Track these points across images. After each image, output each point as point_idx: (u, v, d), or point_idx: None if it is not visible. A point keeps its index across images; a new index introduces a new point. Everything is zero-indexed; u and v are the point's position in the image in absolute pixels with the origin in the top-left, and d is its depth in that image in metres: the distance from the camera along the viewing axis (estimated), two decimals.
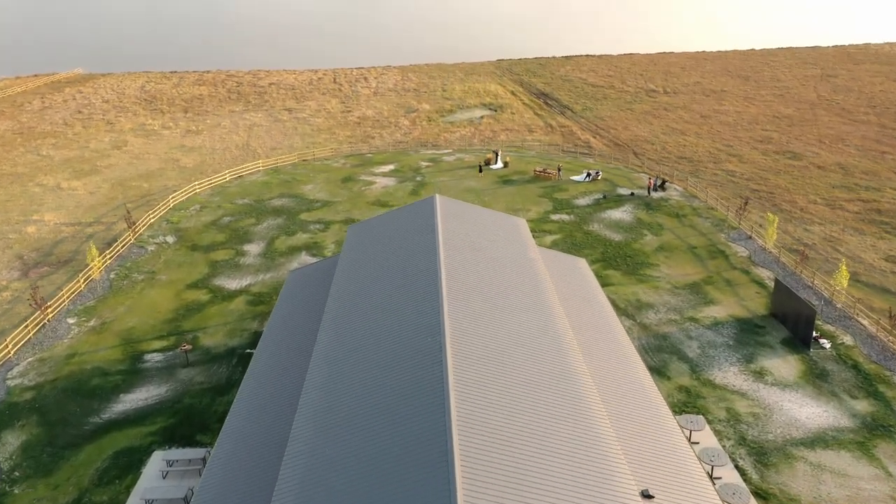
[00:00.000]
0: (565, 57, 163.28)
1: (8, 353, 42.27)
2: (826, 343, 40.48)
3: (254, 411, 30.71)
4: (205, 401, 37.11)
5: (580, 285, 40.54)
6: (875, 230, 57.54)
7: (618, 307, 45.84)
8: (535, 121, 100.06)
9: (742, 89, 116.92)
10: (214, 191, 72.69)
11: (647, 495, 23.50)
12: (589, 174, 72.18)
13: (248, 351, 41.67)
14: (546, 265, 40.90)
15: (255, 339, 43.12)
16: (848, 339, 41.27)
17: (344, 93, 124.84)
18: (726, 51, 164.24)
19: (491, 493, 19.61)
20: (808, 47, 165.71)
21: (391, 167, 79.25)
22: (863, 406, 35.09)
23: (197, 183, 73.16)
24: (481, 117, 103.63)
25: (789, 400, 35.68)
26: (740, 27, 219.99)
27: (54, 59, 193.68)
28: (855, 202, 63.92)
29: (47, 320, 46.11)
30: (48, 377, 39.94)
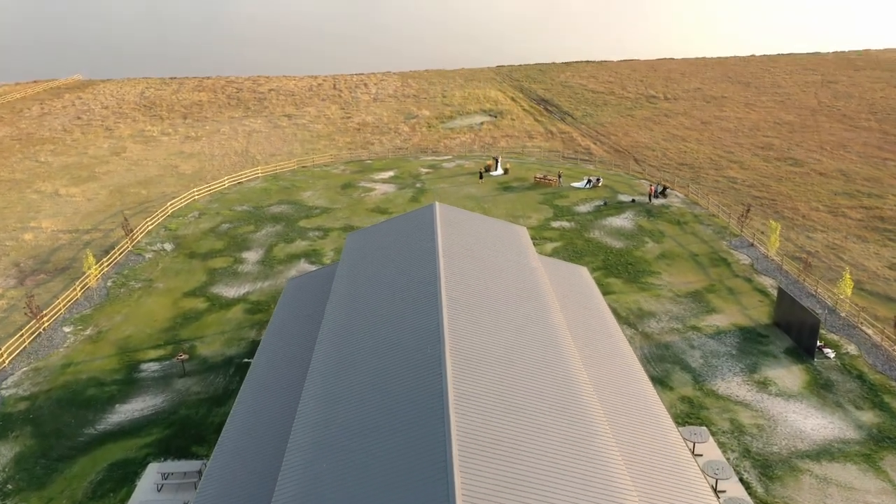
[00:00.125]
0: (565, 63, 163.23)
1: (2, 362, 41.79)
2: (830, 353, 40.01)
3: (250, 423, 30.22)
4: (201, 411, 36.61)
5: (581, 294, 40.09)
6: (878, 238, 57.14)
7: (619, 316, 45.38)
8: (535, 127, 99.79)
9: (743, 95, 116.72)
10: (213, 197, 72.32)
11: None
12: (589, 181, 71.83)
13: (245, 360, 41.19)
14: (547, 274, 40.47)
15: (253, 348, 42.64)
16: (852, 349, 40.80)
17: (344, 99, 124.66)
18: (726, 57, 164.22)
19: None
20: (808, 53, 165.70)
21: (391, 174, 78.92)
22: (868, 417, 34.59)
23: (195, 189, 72.80)
24: (481, 123, 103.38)
25: (794, 411, 35.19)
26: (740, 32, 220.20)
27: (54, 65, 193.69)
28: (857, 209, 63.53)
29: (43, 329, 45.64)
30: (43, 387, 39.45)
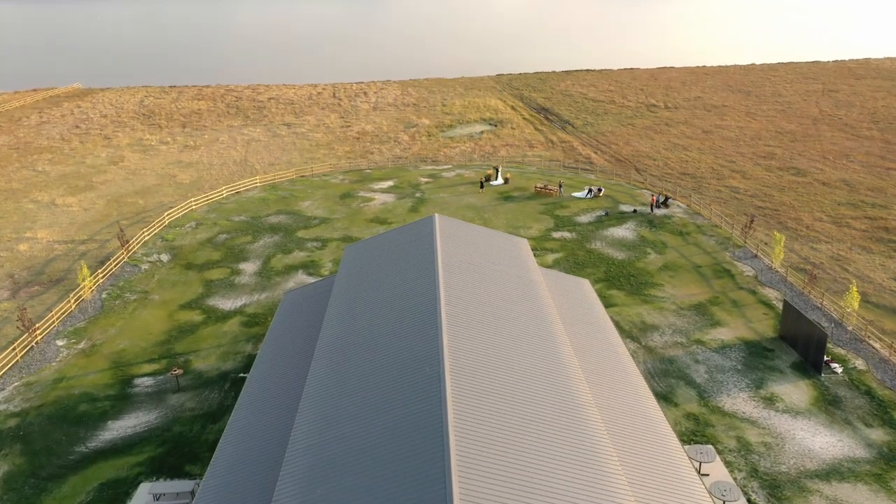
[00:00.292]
0: (565, 71, 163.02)
1: None
2: (838, 367, 39.23)
3: (245, 442, 29.42)
4: (195, 428, 35.79)
5: (583, 308, 39.35)
6: (883, 249, 56.43)
7: (622, 329, 44.62)
8: (535, 136, 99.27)
9: (743, 104, 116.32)
10: (211, 207, 71.64)
11: None
12: (590, 190, 71.20)
13: (241, 375, 40.40)
14: (548, 287, 39.75)
15: (249, 362, 41.85)
16: (860, 363, 40.02)
17: (343, 107, 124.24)
18: (727, 65, 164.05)
19: None
20: (808, 62, 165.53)
21: (390, 183, 78.29)
22: (878, 435, 33.79)
23: (193, 199, 72.13)
24: (481, 132, 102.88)
25: (802, 428, 34.38)
26: (740, 41, 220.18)
27: (53, 74, 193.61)
28: (861, 220, 62.86)
29: (35, 343, 44.85)
30: (34, 403, 38.63)
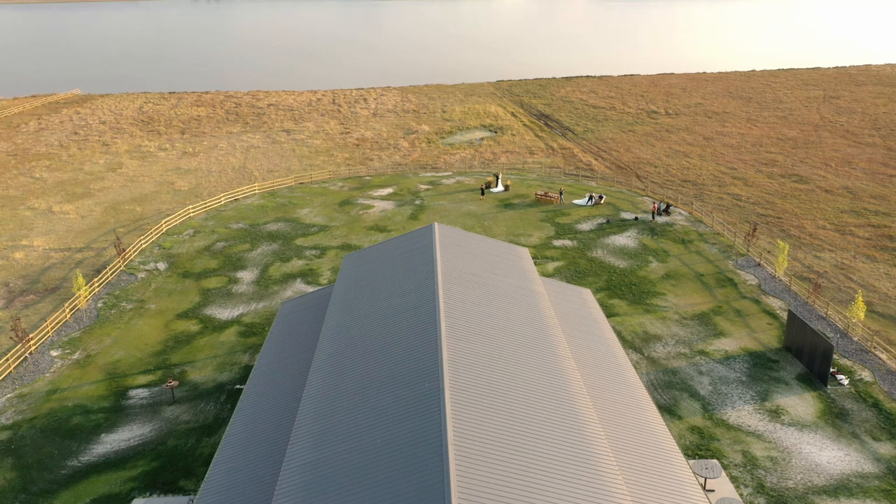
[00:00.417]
0: (565, 78, 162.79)
1: None
2: (844, 379, 38.58)
3: (240, 458, 28.77)
4: (190, 442, 35.12)
5: (585, 318, 38.74)
6: (888, 257, 55.84)
7: (624, 339, 43.99)
8: (535, 143, 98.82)
9: (744, 111, 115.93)
10: (209, 214, 71.09)
11: None
12: (591, 197, 70.66)
13: (237, 387, 39.75)
14: (550, 297, 39.15)
15: (246, 374, 41.21)
16: (866, 375, 39.38)
17: (343, 114, 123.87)
18: (727, 72, 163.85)
19: None
20: (809, 68, 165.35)
21: (390, 190, 77.77)
22: (886, 449, 33.12)
23: (191, 207, 71.59)
24: (481, 139, 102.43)
25: (808, 442, 33.72)
26: (740, 47, 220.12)
27: (53, 80, 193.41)
28: (865, 227, 62.28)
29: (29, 353, 44.20)
30: (27, 415, 37.97)
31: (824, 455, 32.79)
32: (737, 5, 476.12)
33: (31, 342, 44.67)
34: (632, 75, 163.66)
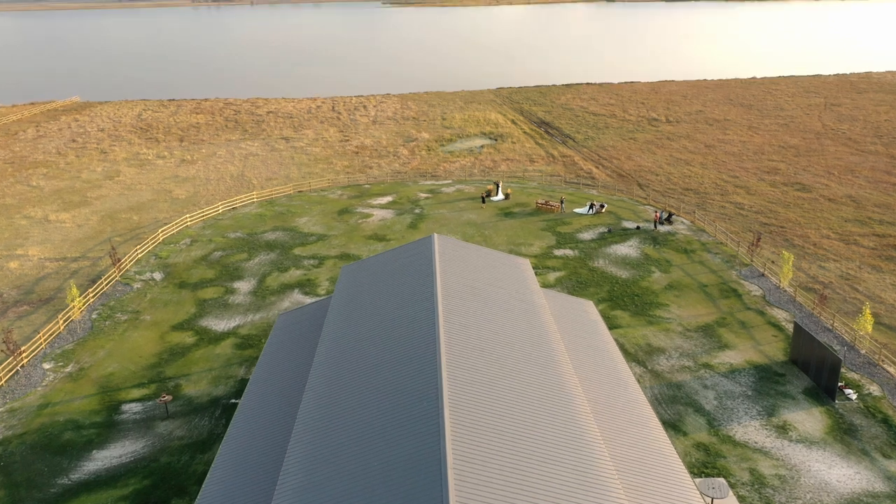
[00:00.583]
0: (565, 85, 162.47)
1: None
2: (852, 394, 37.78)
3: (234, 477, 27.95)
4: (183, 458, 34.29)
5: (588, 332, 37.97)
6: (893, 267, 55.08)
7: (627, 352, 43.19)
8: (536, 150, 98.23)
9: (745, 118, 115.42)
10: (206, 223, 70.38)
11: None
12: (592, 206, 69.96)
13: (232, 401, 38.94)
14: (551, 310, 38.39)
15: (241, 387, 40.40)
16: (875, 389, 38.57)
17: (342, 121, 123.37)
18: (727, 79, 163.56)
19: None
20: (809, 75, 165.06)
21: (389, 199, 77.09)
22: None
23: (189, 215, 70.89)
24: (481, 147, 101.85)
25: (817, 459, 32.89)
26: (741, 53, 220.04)
27: (52, 88, 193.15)
28: (870, 237, 61.56)
29: (21, 366, 43.39)
30: (17, 430, 37.14)
31: (834, 473, 31.96)
32: (736, 12, 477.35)
33: (24, 355, 43.87)
34: (632, 82, 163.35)
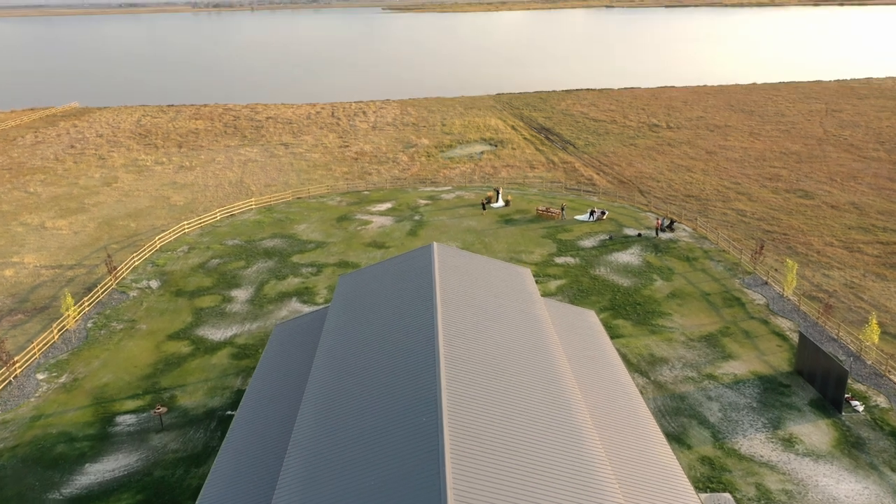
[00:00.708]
0: (566, 91, 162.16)
1: None
2: (859, 406, 37.11)
3: (227, 492, 27.28)
4: (178, 472, 33.60)
5: (590, 343, 37.33)
6: None
7: (629, 362, 42.53)
8: (536, 156, 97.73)
9: (747, 124, 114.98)
10: (204, 230, 69.79)
11: None
12: (593, 212, 69.39)
13: (228, 413, 38.27)
14: (552, 320, 37.76)
15: (237, 398, 39.73)
16: (882, 401, 37.90)
17: (342, 127, 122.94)
18: (728, 85, 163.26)
19: None
20: (810, 81, 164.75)
21: (388, 205, 76.52)
22: None
23: (186, 222, 70.30)
24: (481, 153, 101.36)
25: (824, 474, 32.20)
26: (741, 59, 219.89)
27: (52, 93, 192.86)
28: (874, 244, 60.96)
29: (14, 377, 42.72)
30: (8, 443, 36.45)
31: (842, 488, 31.28)
32: (735, 18, 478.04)
33: (17, 365, 43.21)
34: (632, 88, 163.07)
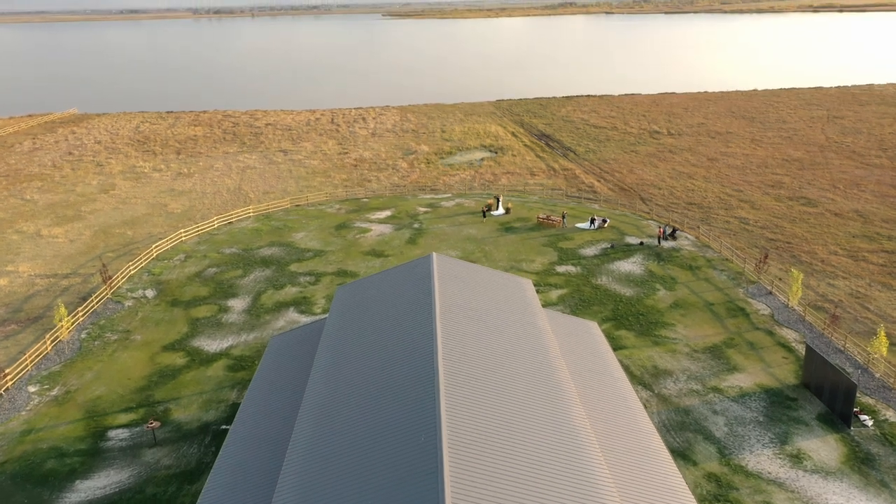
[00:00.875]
0: (566, 97, 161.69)
1: None
2: (868, 420, 36.29)
3: None
4: (170, 490, 32.76)
5: (592, 355, 36.54)
6: None
7: (632, 375, 41.71)
8: (536, 163, 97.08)
9: (748, 131, 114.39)
10: (201, 238, 69.04)
11: None
12: (594, 221, 68.66)
13: (223, 427, 37.44)
14: (554, 332, 36.98)
15: (232, 412, 38.90)
16: (891, 415, 37.07)
17: (341, 134, 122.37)
18: (729, 91, 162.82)
19: None
20: (811, 88, 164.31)
21: (387, 213, 75.80)
22: None
23: (183, 230, 69.56)
24: (481, 160, 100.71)
25: (834, 492, 31.36)
26: (742, 66, 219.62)
27: (51, 100, 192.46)
28: (878, 253, 60.21)
29: (4, 390, 41.89)
30: None
31: None
32: (736, 25, 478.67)
33: (8, 377, 42.39)
34: (633, 94, 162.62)
